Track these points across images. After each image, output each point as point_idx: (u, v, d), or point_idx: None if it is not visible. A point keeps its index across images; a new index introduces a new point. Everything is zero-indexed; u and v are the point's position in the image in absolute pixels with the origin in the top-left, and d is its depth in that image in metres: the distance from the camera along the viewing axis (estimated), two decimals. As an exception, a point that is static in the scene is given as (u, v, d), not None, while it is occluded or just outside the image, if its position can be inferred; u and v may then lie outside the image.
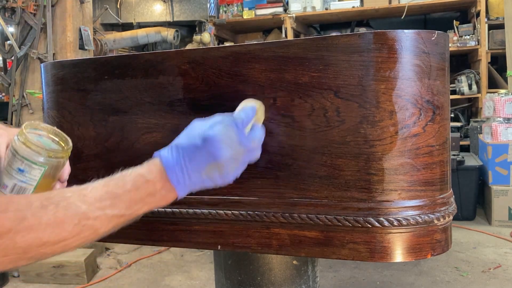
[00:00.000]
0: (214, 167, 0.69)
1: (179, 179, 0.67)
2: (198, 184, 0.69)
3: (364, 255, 0.79)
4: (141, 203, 0.65)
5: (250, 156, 0.74)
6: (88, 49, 3.34)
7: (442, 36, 0.80)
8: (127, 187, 0.64)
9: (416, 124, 0.77)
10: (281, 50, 0.82)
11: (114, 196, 0.63)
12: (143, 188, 0.65)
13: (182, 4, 5.26)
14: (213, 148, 0.68)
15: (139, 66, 0.94)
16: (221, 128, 0.70)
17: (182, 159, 0.68)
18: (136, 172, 0.67)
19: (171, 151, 0.69)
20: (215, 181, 0.70)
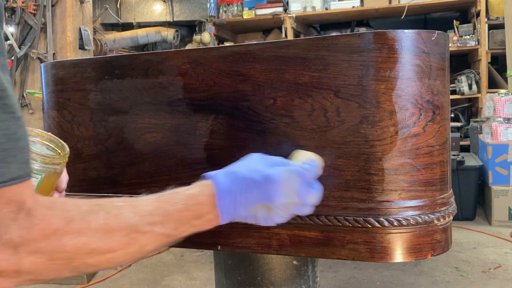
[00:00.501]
0: (264, 207, 0.66)
1: (227, 209, 0.65)
2: (242, 217, 0.67)
3: (364, 255, 0.79)
4: (188, 225, 0.63)
5: (301, 209, 0.71)
6: (88, 49, 3.34)
7: (442, 36, 0.80)
8: (178, 206, 0.62)
9: (416, 124, 0.77)
10: (281, 50, 0.82)
11: (166, 213, 0.61)
12: (192, 210, 0.63)
13: (182, 4, 5.26)
14: (271, 190, 0.65)
15: (139, 66, 0.94)
16: (285, 172, 0.67)
17: (238, 190, 0.65)
18: (188, 192, 0.64)
19: (227, 177, 0.66)
20: (258, 220, 0.68)
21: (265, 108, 0.83)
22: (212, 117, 0.88)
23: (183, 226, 0.62)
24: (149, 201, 0.61)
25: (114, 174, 0.98)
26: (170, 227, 0.61)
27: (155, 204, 0.61)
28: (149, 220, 0.59)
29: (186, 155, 0.91)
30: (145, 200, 0.61)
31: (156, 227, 0.59)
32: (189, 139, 0.90)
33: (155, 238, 0.59)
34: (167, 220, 0.60)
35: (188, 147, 0.91)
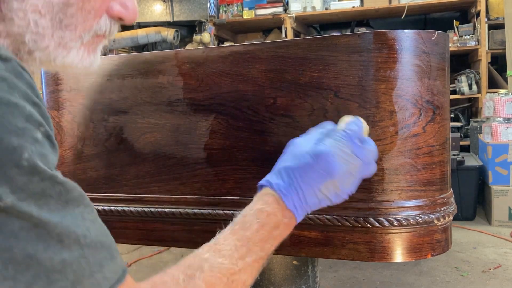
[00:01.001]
0: (329, 184, 0.64)
1: (295, 204, 0.63)
2: (315, 205, 0.65)
3: (364, 255, 0.79)
4: (271, 239, 0.62)
5: (366, 169, 0.68)
6: (88, 49, 3.33)
7: (442, 36, 0.80)
8: (254, 227, 0.61)
9: (416, 124, 0.77)
10: (281, 50, 0.82)
11: (247, 241, 0.60)
12: (267, 223, 0.62)
13: (182, 4, 5.26)
14: (327, 164, 0.63)
15: (139, 67, 0.94)
16: (332, 141, 0.65)
17: (296, 182, 0.64)
18: (255, 209, 0.63)
19: (280, 175, 0.65)
20: (331, 199, 0.66)
21: (265, 108, 0.83)
22: (212, 117, 0.88)
23: (267, 243, 0.62)
24: (227, 238, 0.60)
25: (114, 174, 0.98)
26: (257, 250, 0.60)
27: (233, 238, 0.60)
28: (238, 257, 0.58)
29: (186, 155, 0.91)
30: (223, 239, 0.60)
31: (246, 258, 0.59)
32: (189, 139, 0.90)
33: (250, 269, 0.59)
34: (252, 246, 0.60)
35: (188, 147, 0.91)
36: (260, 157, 0.85)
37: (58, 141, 1.04)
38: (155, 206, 0.94)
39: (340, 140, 0.66)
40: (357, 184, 0.68)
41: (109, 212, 0.98)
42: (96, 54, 0.54)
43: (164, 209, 0.93)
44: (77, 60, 0.52)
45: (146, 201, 0.95)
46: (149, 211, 0.94)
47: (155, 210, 0.94)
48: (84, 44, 0.52)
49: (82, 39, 0.51)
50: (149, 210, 0.94)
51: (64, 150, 1.03)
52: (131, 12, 0.53)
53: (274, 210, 0.63)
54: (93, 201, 1.02)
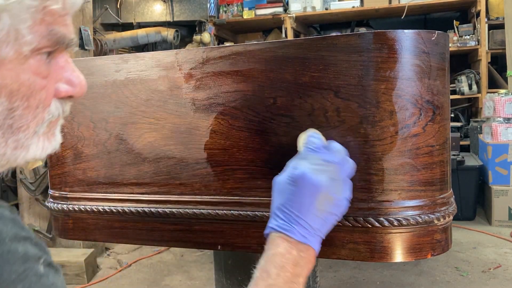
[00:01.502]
0: (322, 199, 0.66)
1: (302, 234, 0.64)
2: (322, 225, 0.66)
3: (364, 255, 0.79)
4: (295, 278, 0.62)
5: (344, 168, 0.70)
6: (88, 49, 3.34)
7: (442, 36, 0.80)
8: (273, 273, 0.62)
9: (416, 124, 0.77)
10: (281, 50, 0.82)
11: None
12: (286, 264, 0.62)
13: (182, 4, 5.26)
14: (308, 182, 0.65)
15: (139, 67, 0.94)
16: (301, 162, 0.68)
17: (291, 214, 0.65)
18: (268, 257, 0.64)
19: (276, 216, 0.66)
20: (334, 212, 0.67)
21: (265, 108, 0.83)
22: (212, 117, 0.88)
23: (293, 282, 0.62)
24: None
25: (114, 174, 0.98)
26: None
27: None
28: None
29: (186, 155, 0.91)
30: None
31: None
32: (189, 139, 0.90)
33: None
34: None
35: (188, 147, 0.91)
36: (260, 157, 0.85)
37: (58, 141, 1.04)
38: (155, 206, 0.94)
39: (307, 156, 0.69)
40: (348, 187, 0.70)
41: (109, 212, 0.98)
42: (56, 137, 0.53)
43: (164, 209, 0.93)
44: (39, 152, 0.51)
45: (146, 201, 0.95)
46: (149, 211, 0.94)
47: (155, 210, 0.94)
48: (42, 135, 0.51)
49: (38, 133, 0.50)
50: (149, 210, 0.94)
51: (64, 150, 1.03)
52: (79, 86, 0.52)
53: (286, 249, 0.63)
54: (93, 201, 1.02)
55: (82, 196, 1.02)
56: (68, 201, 1.03)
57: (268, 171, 0.84)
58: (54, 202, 1.06)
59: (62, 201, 1.04)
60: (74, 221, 1.04)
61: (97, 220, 1.01)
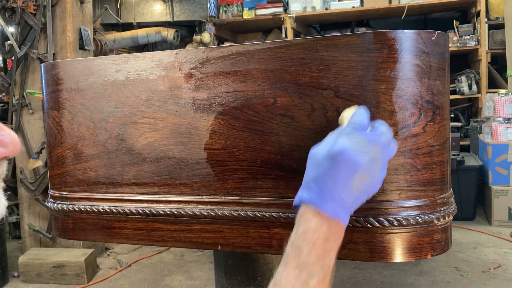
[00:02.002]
0: (359, 178, 0.64)
1: (334, 208, 0.63)
2: (354, 203, 0.65)
3: (364, 255, 0.79)
4: (327, 253, 0.61)
5: (388, 151, 0.68)
6: (88, 49, 3.34)
7: (442, 36, 0.80)
8: (305, 250, 0.61)
9: (416, 124, 0.77)
10: (281, 50, 0.82)
11: (304, 266, 0.60)
12: (317, 240, 0.61)
13: (182, 4, 5.26)
14: (348, 160, 0.63)
15: (139, 67, 0.94)
16: (344, 139, 0.65)
17: (325, 188, 0.63)
18: (299, 233, 0.63)
19: (309, 188, 0.65)
20: (367, 191, 0.66)
21: (265, 108, 0.83)
22: (212, 117, 0.88)
23: (325, 258, 0.61)
24: (284, 273, 0.60)
25: (114, 174, 0.98)
26: (318, 270, 0.60)
27: (290, 269, 0.60)
28: (300, 285, 0.58)
29: (186, 155, 0.91)
30: (280, 276, 0.60)
31: (310, 282, 0.59)
32: (189, 139, 0.90)
33: None
34: (311, 268, 0.60)
35: (188, 147, 0.91)
36: (260, 157, 0.85)
37: (58, 141, 1.04)
38: (155, 206, 0.94)
39: (352, 134, 0.66)
40: (385, 169, 0.67)
41: (109, 212, 0.98)
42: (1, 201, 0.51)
43: (164, 209, 0.93)
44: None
45: (146, 201, 0.95)
46: (149, 211, 0.94)
47: (155, 210, 0.94)
48: None
49: None
50: (149, 210, 0.94)
51: (64, 150, 1.03)
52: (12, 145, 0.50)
53: (317, 225, 0.62)
54: (93, 201, 1.02)
55: (82, 196, 1.02)
56: (68, 201, 1.03)
57: (268, 171, 0.84)
58: (54, 202, 1.06)
59: (62, 201, 1.04)
60: (74, 221, 1.04)
61: (97, 220, 1.01)
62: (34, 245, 3.24)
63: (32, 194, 3.17)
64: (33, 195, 3.17)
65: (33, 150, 3.19)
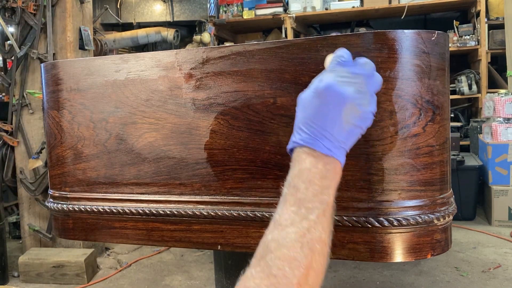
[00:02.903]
0: (348, 111, 0.63)
1: (327, 146, 0.62)
2: (347, 138, 0.64)
3: (364, 255, 0.79)
4: (325, 190, 0.61)
5: (373, 82, 0.68)
6: (88, 49, 3.34)
7: (442, 36, 0.79)
8: (302, 187, 0.61)
9: (416, 124, 0.77)
10: (281, 50, 0.82)
11: (301, 202, 0.60)
12: (313, 178, 0.61)
13: (182, 4, 5.27)
14: (334, 94, 0.63)
15: (139, 67, 0.94)
16: (327, 75, 0.66)
17: (316, 126, 0.63)
18: (294, 173, 0.63)
19: (300, 130, 0.65)
20: (359, 124, 0.65)
21: (265, 108, 0.83)
22: (212, 117, 0.88)
23: (323, 194, 0.61)
24: (282, 210, 0.60)
25: (114, 174, 0.98)
26: (316, 205, 0.59)
27: (287, 206, 0.60)
28: (300, 219, 0.58)
29: (186, 155, 0.91)
30: (279, 214, 0.60)
31: (309, 216, 0.58)
32: (189, 139, 0.90)
33: (319, 224, 0.59)
34: (308, 204, 0.59)
35: (188, 147, 0.91)
36: (260, 157, 0.85)
37: (58, 141, 1.04)
38: (155, 206, 0.94)
39: (335, 69, 0.67)
40: (374, 101, 0.68)
41: (109, 212, 0.98)
42: None
43: (164, 209, 0.93)
44: None
45: (146, 201, 0.95)
46: (149, 211, 0.94)
47: (155, 210, 0.94)
48: None
49: None
50: (149, 210, 0.94)
51: (64, 150, 1.03)
52: None
53: (312, 164, 0.62)
54: (93, 201, 1.02)
55: (82, 196, 1.02)
56: (68, 201, 1.03)
57: (268, 171, 0.84)
58: (54, 202, 1.06)
59: (62, 201, 1.04)
60: (74, 221, 1.04)
61: (97, 220, 1.01)
62: (34, 245, 3.24)
63: (32, 194, 3.17)
64: (33, 195, 3.17)
65: (33, 150, 3.19)
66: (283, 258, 0.54)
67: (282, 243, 0.56)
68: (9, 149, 3.24)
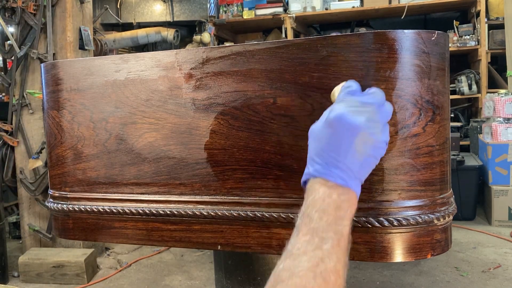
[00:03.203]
0: (360, 141, 0.63)
1: (342, 176, 0.62)
2: (361, 168, 0.64)
3: (364, 255, 0.79)
4: (339, 220, 0.60)
5: (383, 112, 0.67)
6: (88, 49, 3.34)
7: (442, 36, 0.79)
8: (315, 217, 0.60)
9: (416, 124, 0.77)
10: (281, 50, 0.82)
11: (315, 231, 0.58)
12: (327, 208, 0.60)
13: (182, 4, 5.27)
14: (345, 123, 0.63)
15: (139, 67, 0.94)
16: (338, 105, 0.66)
17: (329, 157, 0.63)
18: (308, 203, 0.62)
19: (313, 161, 0.64)
20: (373, 154, 0.65)
21: (265, 108, 0.83)
22: (212, 117, 0.88)
23: (337, 225, 0.60)
24: (295, 241, 0.59)
25: (114, 174, 0.98)
26: (330, 235, 0.59)
27: (301, 236, 0.59)
28: (313, 249, 0.57)
29: (186, 155, 0.91)
30: (291, 244, 0.59)
31: (323, 247, 0.57)
32: (189, 139, 0.90)
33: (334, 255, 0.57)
34: (322, 234, 0.58)
35: (188, 147, 0.91)
36: (260, 157, 0.85)
37: (58, 141, 1.04)
38: (155, 206, 0.94)
39: (345, 99, 0.67)
40: (386, 130, 0.67)
41: (109, 212, 0.98)
42: None
43: (164, 209, 0.93)
44: None
45: (146, 201, 0.95)
46: (149, 211, 0.94)
47: (155, 210, 0.94)
48: None
49: None
50: (149, 210, 0.94)
51: (64, 150, 1.03)
52: None
53: (326, 194, 0.61)
54: (93, 201, 1.02)
55: (82, 196, 1.02)
56: (68, 201, 1.03)
57: (268, 171, 0.84)
58: (54, 202, 1.06)
59: (62, 201, 1.04)
60: (74, 221, 1.04)
61: (97, 220, 1.01)
62: (34, 245, 3.24)
63: (32, 194, 3.17)
64: (33, 195, 3.17)
65: (33, 150, 3.19)
66: (295, 287, 0.53)
67: (294, 272, 0.54)
68: (9, 149, 3.24)
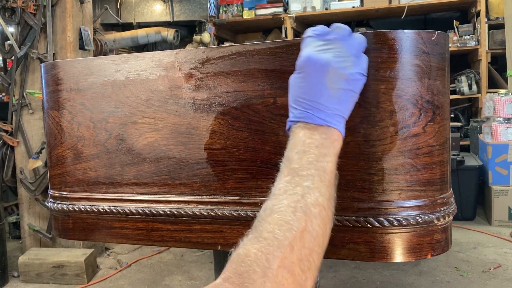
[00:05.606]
0: (331, 78, 0.63)
1: (319, 116, 0.63)
2: (339, 104, 0.64)
3: (364, 255, 0.79)
4: (321, 158, 0.60)
5: (352, 44, 0.67)
6: (88, 49, 3.34)
7: (442, 36, 0.79)
8: (295, 158, 0.60)
9: (416, 124, 0.77)
10: (281, 50, 0.82)
11: (294, 171, 0.59)
12: (308, 148, 0.61)
13: (182, 4, 5.27)
14: (313, 63, 0.64)
15: (139, 67, 0.94)
16: (305, 49, 0.66)
17: (304, 100, 0.63)
18: (289, 147, 0.63)
19: (292, 108, 0.65)
20: (349, 88, 0.65)
21: (265, 108, 0.83)
22: (212, 117, 0.88)
23: (319, 161, 0.60)
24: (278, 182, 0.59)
25: (114, 174, 0.98)
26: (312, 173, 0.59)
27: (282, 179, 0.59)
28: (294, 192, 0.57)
29: (186, 155, 0.91)
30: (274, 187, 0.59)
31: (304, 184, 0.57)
32: (189, 139, 0.90)
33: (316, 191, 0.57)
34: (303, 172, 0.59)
35: (188, 147, 0.91)
36: (260, 157, 0.85)
37: (58, 141, 1.04)
38: (155, 206, 0.94)
39: (311, 41, 0.67)
40: (362, 62, 0.68)
41: (109, 212, 0.98)
42: None
43: (164, 209, 0.93)
44: None
45: (146, 201, 0.95)
46: (149, 211, 0.94)
47: (155, 210, 0.94)
48: None
49: None
50: (149, 210, 0.94)
51: (64, 150, 1.03)
52: None
53: (306, 135, 0.62)
54: (93, 201, 1.02)
55: (82, 196, 1.02)
56: (68, 201, 1.03)
57: (268, 171, 0.84)
58: (54, 202, 1.06)
59: (62, 201, 1.04)
60: (74, 221, 1.04)
61: (97, 220, 1.01)
62: (34, 245, 3.24)
63: (32, 194, 3.17)
64: (33, 195, 3.17)
65: (33, 150, 3.19)
66: (273, 222, 0.54)
67: (273, 209, 0.55)
68: (9, 149, 3.24)
